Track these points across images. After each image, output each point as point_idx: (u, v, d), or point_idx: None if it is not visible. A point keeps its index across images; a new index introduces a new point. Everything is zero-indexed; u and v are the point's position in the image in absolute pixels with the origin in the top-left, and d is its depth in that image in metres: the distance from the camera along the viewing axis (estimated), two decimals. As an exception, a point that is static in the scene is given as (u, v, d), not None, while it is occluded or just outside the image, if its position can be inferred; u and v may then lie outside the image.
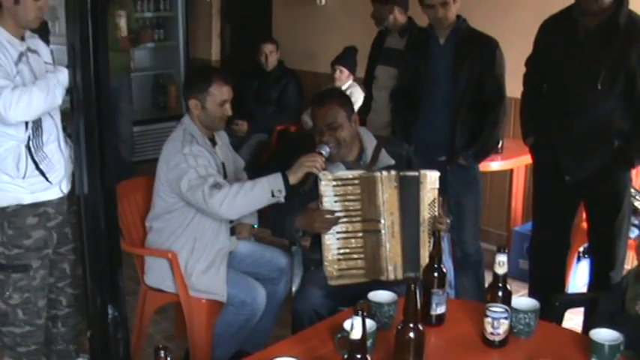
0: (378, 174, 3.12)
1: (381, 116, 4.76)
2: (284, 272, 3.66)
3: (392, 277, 3.13)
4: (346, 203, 3.15)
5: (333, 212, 3.14)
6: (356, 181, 3.15)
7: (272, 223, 3.39)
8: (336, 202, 3.15)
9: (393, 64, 4.71)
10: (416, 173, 3.12)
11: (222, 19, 7.97)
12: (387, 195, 3.10)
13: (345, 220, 3.16)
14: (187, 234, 3.45)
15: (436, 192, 3.13)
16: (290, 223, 3.23)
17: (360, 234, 3.16)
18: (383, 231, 3.12)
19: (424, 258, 3.09)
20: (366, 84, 5.08)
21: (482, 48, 4.00)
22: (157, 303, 3.69)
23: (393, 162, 3.34)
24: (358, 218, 3.15)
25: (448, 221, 3.20)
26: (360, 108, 4.97)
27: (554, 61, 3.72)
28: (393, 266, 3.12)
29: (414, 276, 3.04)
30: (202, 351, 3.52)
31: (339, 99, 3.38)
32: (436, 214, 3.12)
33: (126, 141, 6.69)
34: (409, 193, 3.11)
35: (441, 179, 3.19)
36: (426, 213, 3.11)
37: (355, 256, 3.17)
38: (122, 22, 6.21)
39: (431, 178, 3.12)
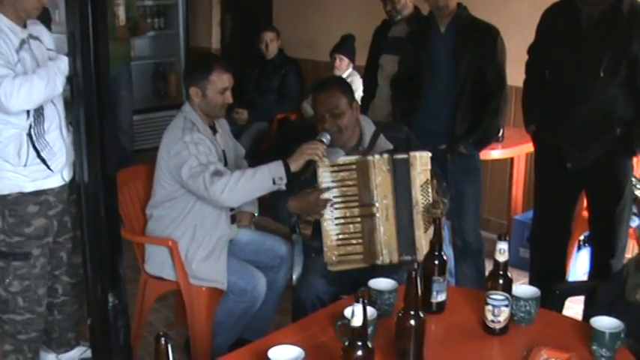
0: (370, 157, 3.12)
1: (386, 104, 4.75)
2: (284, 260, 3.66)
3: (387, 260, 3.13)
4: (343, 189, 3.16)
5: (324, 191, 3.14)
6: (352, 167, 3.15)
7: (269, 208, 3.40)
8: (333, 187, 3.16)
9: (399, 52, 4.73)
10: (405, 155, 3.11)
11: (223, 7, 7.95)
12: (380, 178, 3.11)
13: (343, 205, 3.16)
14: (188, 222, 3.45)
15: (428, 173, 3.11)
16: (282, 207, 3.23)
17: (358, 219, 3.16)
18: (377, 215, 3.13)
19: (420, 240, 3.10)
20: (369, 72, 5.06)
21: (483, 36, 3.98)
22: (158, 291, 3.70)
23: (391, 146, 3.34)
24: (355, 203, 3.16)
25: (445, 201, 3.18)
26: (364, 95, 4.97)
27: (556, 48, 3.71)
28: (388, 250, 3.13)
29: (411, 259, 3.05)
30: (203, 339, 3.52)
31: (340, 86, 3.38)
32: (430, 197, 3.10)
33: (126, 130, 6.67)
34: (400, 175, 3.10)
35: (442, 167, 3.17)
36: (419, 195, 3.09)
37: (354, 241, 3.17)
38: (120, 11, 6.18)
39: (421, 159, 3.10)
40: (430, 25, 4.10)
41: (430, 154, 3.13)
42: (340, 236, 3.17)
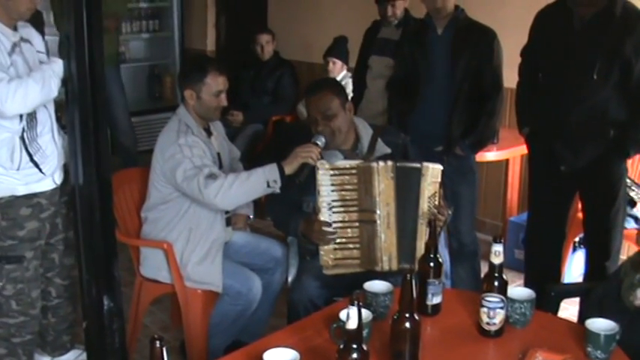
0: (374, 164, 3.11)
1: (375, 105, 4.77)
2: (280, 263, 3.66)
3: (386, 267, 3.12)
4: (343, 193, 3.14)
5: (330, 224, 3.12)
6: (353, 171, 3.14)
7: (275, 219, 3.41)
8: (332, 191, 3.14)
9: (388, 54, 4.72)
10: (418, 165, 3.09)
11: (218, 9, 7.95)
12: (383, 186, 3.10)
13: (341, 209, 3.15)
14: (183, 224, 3.44)
15: (437, 185, 3.09)
16: (294, 226, 3.23)
17: (357, 224, 3.15)
18: (378, 221, 3.11)
19: (420, 250, 3.07)
20: (358, 73, 5.07)
21: (481, 38, 3.99)
22: (153, 294, 3.69)
23: (389, 151, 3.34)
24: (355, 208, 3.14)
25: (450, 212, 3.17)
26: (353, 97, 4.97)
27: (549, 51, 3.71)
28: (387, 257, 3.12)
29: (409, 267, 3.04)
30: (198, 341, 3.52)
31: (333, 87, 3.38)
32: (435, 208, 3.09)
33: (125, 131, 6.53)
34: (408, 184, 3.09)
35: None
36: (425, 206, 3.08)
37: (351, 245, 3.16)
38: None
39: (433, 171, 3.08)
40: (427, 27, 4.11)
41: (442, 168, 3.11)
42: (337, 240, 3.16)
